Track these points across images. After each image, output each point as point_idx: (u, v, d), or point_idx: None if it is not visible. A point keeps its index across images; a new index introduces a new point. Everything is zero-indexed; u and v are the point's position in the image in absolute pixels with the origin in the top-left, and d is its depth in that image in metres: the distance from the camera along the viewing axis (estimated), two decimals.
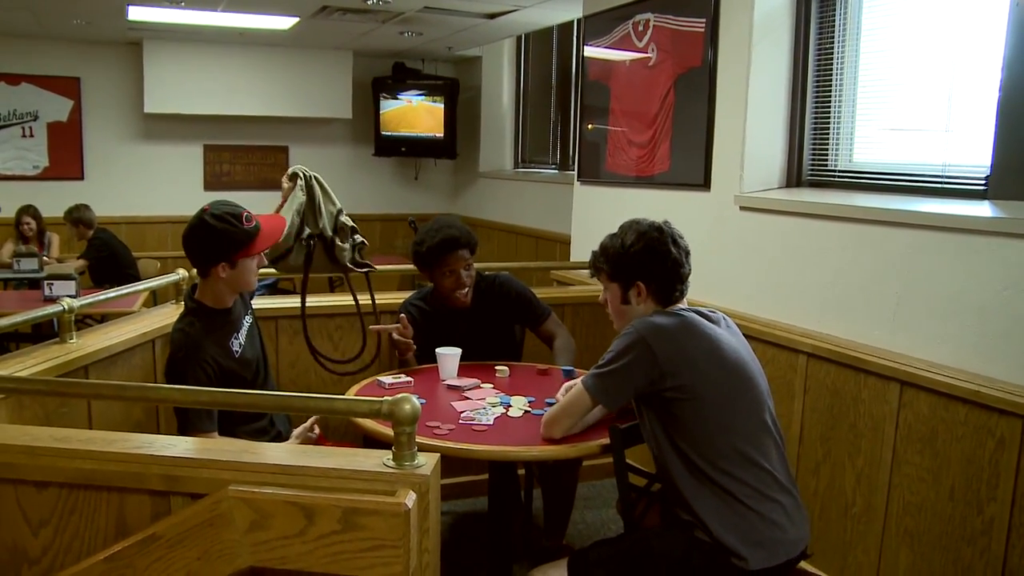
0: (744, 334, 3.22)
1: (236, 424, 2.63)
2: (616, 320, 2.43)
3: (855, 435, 2.85)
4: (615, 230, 2.41)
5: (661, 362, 2.16)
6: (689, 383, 2.16)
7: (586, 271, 4.59)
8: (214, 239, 2.54)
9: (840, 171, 3.37)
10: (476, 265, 3.46)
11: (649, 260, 2.32)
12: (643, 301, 2.34)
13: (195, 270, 2.63)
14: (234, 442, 2.29)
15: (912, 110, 3.10)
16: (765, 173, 3.52)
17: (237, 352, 2.64)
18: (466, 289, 3.20)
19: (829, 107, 3.40)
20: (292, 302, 3.71)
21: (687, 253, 2.37)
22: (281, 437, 2.80)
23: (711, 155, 3.67)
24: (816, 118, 3.46)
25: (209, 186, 8.08)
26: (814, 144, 3.48)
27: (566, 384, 2.62)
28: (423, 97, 8.37)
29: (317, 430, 2.78)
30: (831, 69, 3.37)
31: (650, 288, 2.33)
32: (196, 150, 8.09)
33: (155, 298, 5.31)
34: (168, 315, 3.11)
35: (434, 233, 3.18)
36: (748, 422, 2.20)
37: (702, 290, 3.68)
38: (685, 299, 2.40)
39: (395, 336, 3.07)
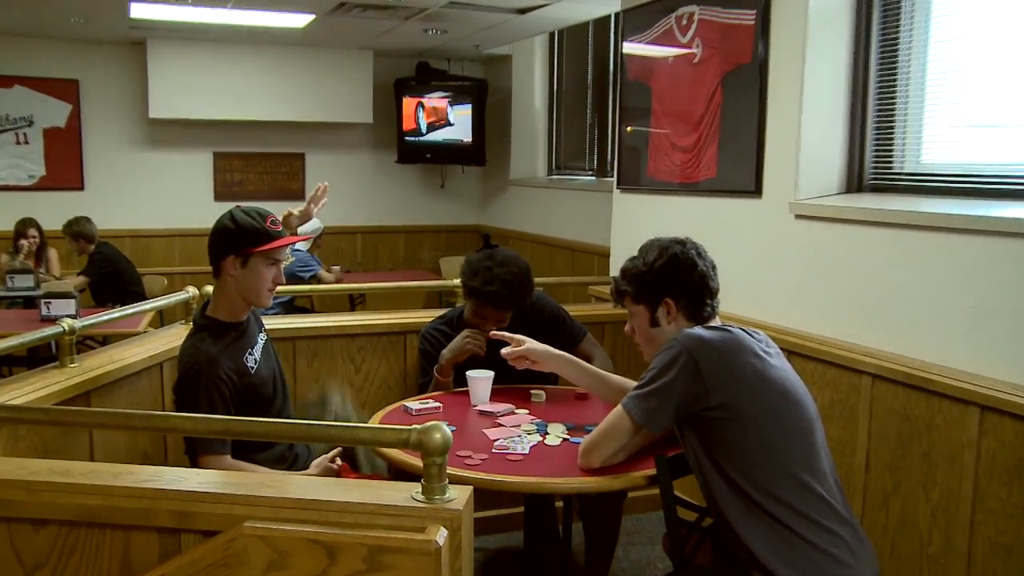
0: (800, 353, 3.23)
1: (252, 450, 2.65)
2: (646, 347, 2.44)
3: (929, 465, 2.79)
4: (635, 252, 2.46)
5: (706, 377, 2.15)
6: (735, 401, 2.15)
7: None
8: (232, 230, 2.61)
9: (906, 174, 3.33)
10: None
11: (675, 274, 2.35)
12: (673, 320, 2.37)
13: (207, 287, 2.65)
14: (250, 474, 2.28)
15: (989, 104, 3.05)
16: (822, 178, 3.49)
17: (253, 368, 2.66)
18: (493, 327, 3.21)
19: (894, 103, 3.35)
20: (310, 321, 3.73)
21: (713, 267, 2.41)
22: (300, 461, 2.82)
23: (763, 159, 3.65)
24: (879, 116, 3.42)
25: (220, 196, 8.15)
26: (877, 145, 3.44)
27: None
28: (449, 99, 8.41)
29: (340, 461, 2.79)
30: (896, 61, 3.33)
31: (679, 304, 2.36)
32: (205, 158, 8.17)
33: (162, 318, 5.37)
34: (177, 336, 3.14)
35: (487, 275, 3.13)
36: (798, 444, 2.18)
37: (753, 306, 3.64)
38: (717, 318, 2.41)
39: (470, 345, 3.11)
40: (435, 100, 8.38)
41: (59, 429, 2.41)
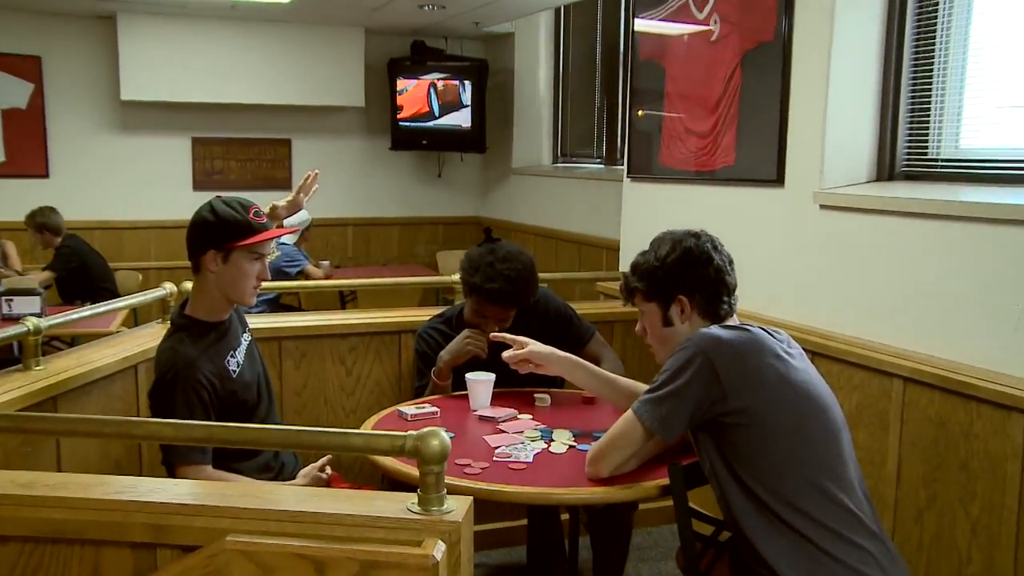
0: (826, 355, 3.23)
1: (235, 458, 2.64)
2: (658, 349, 2.45)
3: (968, 476, 2.78)
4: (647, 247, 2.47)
5: (723, 380, 2.15)
6: (754, 406, 2.14)
7: None
8: (212, 223, 2.60)
9: (944, 160, 3.32)
10: None
11: (689, 269, 2.35)
12: (688, 319, 2.38)
13: (186, 284, 2.65)
14: (233, 484, 2.28)
15: None
16: (851, 165, 3.48)
17: (235, 372, 2.66)
18: (495, 328, 3.21)
19: (930, 83, 3.33)
20: (297, 320, 3.73)
21: (730, 262, 2.41)
22: (286, 471, 2.82)
23: (785, 145, 3.64)
24: (914, 97, 3.40)
25: (199, 185, 8.12)
26: (911, 129, 3.43)
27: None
28: (447, 80, 8.40)
29: (329, 471, 2.78)
30: (933, 36, 3.31)
31: (694, 301, 2.36)
32: (183, 144, 8.15)
33: (136, 317, 5.37)
34: (153, 336, 3.13)
35: (489, 272, 3.14)
36: (824, 451, 2.18)
37: (774, 303, 3.64)
38: (735, 316, 2.41)
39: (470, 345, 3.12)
40: (444, 80, 8.37)
41: (23, 437, 2.41)
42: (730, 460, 2.18)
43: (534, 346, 2.80)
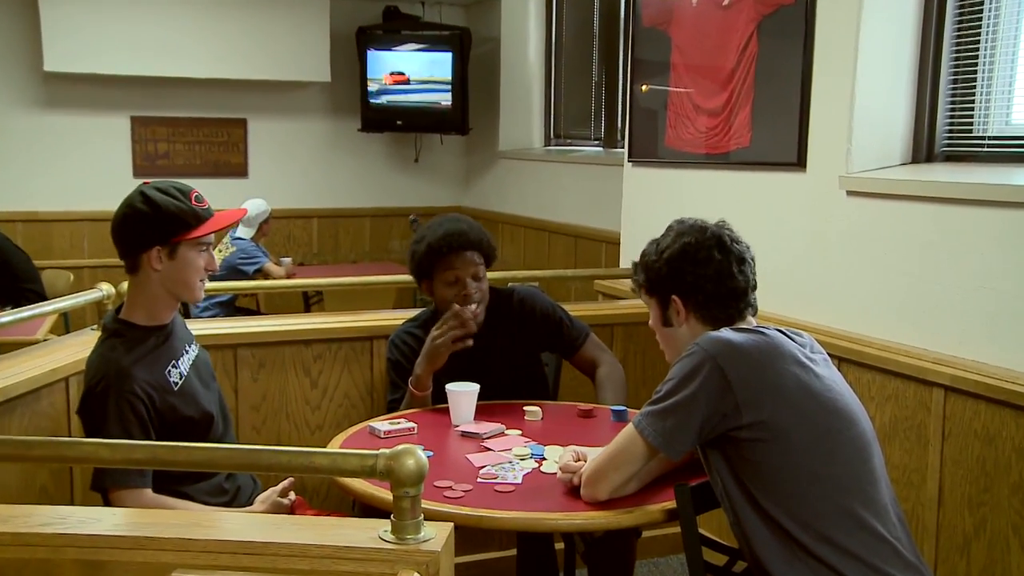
0: (854, 361, 3.23)
1: (181, 480, 2.63)
2: (665, 349, 2.49)
3: (1022, 500, 2.79)
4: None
5: (736, 389, 2.15)
6: (772, 418, 2.15)
7: None
8: (150, 215, 2.58)
9: (992, 139, 3.32)
10: (495, 274, 3.45)
11: (682, 268, 2.38)
12: (685, 323, 2.41)
13: (124, 285, 2.63)
14: (179, 512, 2.27)
15: None
16: (882, 145, 3.49)
17: (176, 384, 2.64)
18: (474, 305, 3.20)
19: (976, 51, 3.32)
20: (255, 325, 3.72)
21: (741, 260, 2.40)
22: (243, 495, 2.81)
23: (807, 123, 3.65)
24: (957, 67, 3.40)
25: (140, 171, 8.05)
26: (953, 104, 3.43)
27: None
28: (424, 52, 8.40)
29: (293, 496, 2.78)
30: None
31: (688, 304, 2.39)
32: (120, 123, 8.08)
33: (67, 323, 5.34)
34: (86, 344, 3.11)
35: (436, 228, 3.23)
36: (852, 470, 2.18)
37: (793, 303, 3.64)
38: (752, 319, 2.41)
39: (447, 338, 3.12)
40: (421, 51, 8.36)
41: None
42: (745, 480, 2.18)
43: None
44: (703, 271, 2.36)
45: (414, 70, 8.40)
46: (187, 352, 2.77)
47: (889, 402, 3.16)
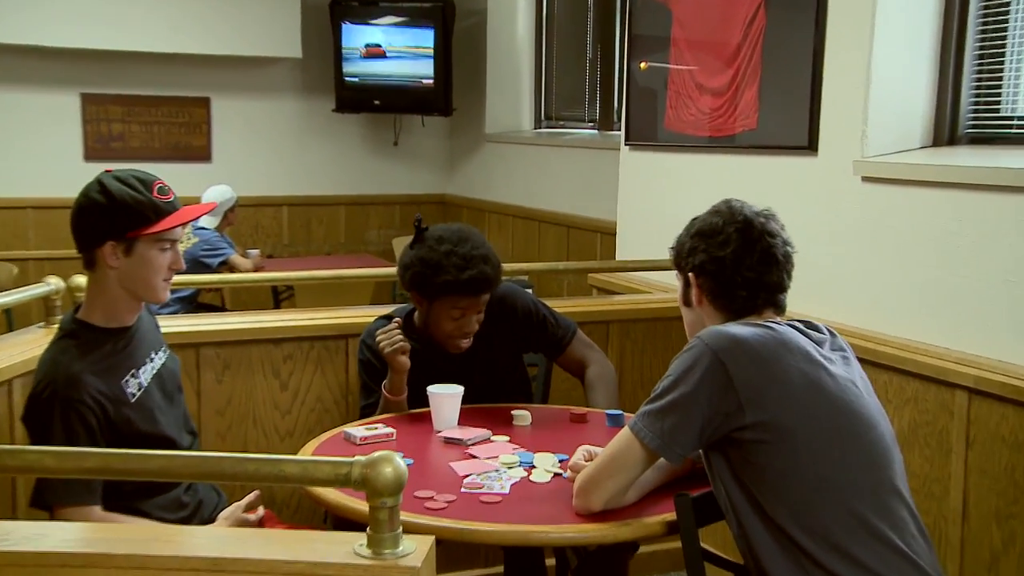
0: (870, 361, 3.23)
1: (135, 495, 2.62)
2: (687, 329, 2.51)
3: None
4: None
5: (739, 386, 2.16)
6: (778, 419, 2.15)
7: (640, 273, 4.61)
8: (104, 206, 2.55)
9: (1021, 119, 3.33)
10: None
11: (700, 247, 2.41)
12: (701, 305, 2.43)
13: (76, 279, 2.61)
14: (134, 527, 2.26)
15: None
16: (901, 127, 3.50)
17: (133, 395, 2.62)
18: (470, 336, 3.20)
19: (1005, 23, 3.33)
20: (219, 322, 3.71)
21: (767, 252, 2.38)
22: (204, 510, 2.80)
23: (819, 103, 3.66)
24: (983, 42, 3.41)
25: (92, 155, 7.98)
26: (979, 81, 3.44)
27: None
28: (404, 27, 8.39)
29: (261, 511, 2.77)
30: None
31: (702, 286, 2.40)
32: (69, 102, 8.02)
33: (10, 320, 5.32)
34: (32, 344, 3.10)
35: (460, 263, 3.12)
36: (870, 478, 2.19)
37: (805, 297, 3.63)
38: (770, 312, 2.41)
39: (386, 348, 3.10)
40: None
41: None
42: (750, 487, 2.18)
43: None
44: (719, 253, 2.37)
45: (393, 45, 8.39)
46: (151, 360, 2.74)
47: (908, 406, 3.17)
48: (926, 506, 3.06)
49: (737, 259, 2.37)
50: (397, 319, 3.16)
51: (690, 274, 2.42)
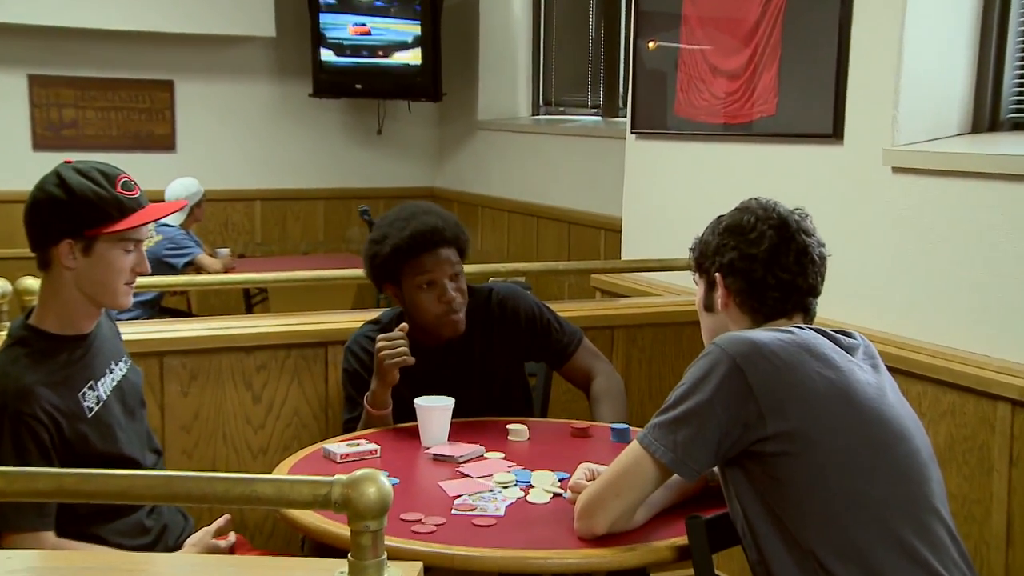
0: (902, 370, 3.23)
1: (92, 519, 2.61)
2: (706, 339, 2.48)
3: None
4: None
5: (759, 395, 2.16)
6: (798, 428, 2.15)
7: (647, 274, 4.61)
8: (61, 201, 2.54)
9: None
10: (473, 267, 3.44)
11: (730, 244, 2.40)
12: (727, 309, 2.43)
13: (25, 280, 2.60)
14: (92, 554, 2.26)
15: None
16: (936, 112, 3.50)
17: (91, 411, 2.61)
18: (458, 311, 3.20)
19: None
20: (185, 328, 3.71)
21: (803, 252, 2.39)
22: (170, 535, 2.79)
23: (845, 87, 3.66)
24: None
25: (42, 143, 7.97)
26: (1023, 62, 3.44)
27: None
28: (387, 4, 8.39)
29: (233, 536, 2.76)
30: None
31: (730, 287, 2.41)
32: (16, 84, 7.98)
33: None
34: None
35: (402, 224, 3.19)
36: (902, 493, 2.19)
37: (828, 299, 3.61)
38: (800, 316, 2.41)
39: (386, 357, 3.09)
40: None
41: None
42: (772, 505, 2.17)
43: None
44: (752, 251, 2.38)
45: (377, 22, 8.38)
46: (111, 371, 2.73)
47: (944, 419, 3.17)
48: (966, 530, 3.06)
49: (772, 257, 2.37)
50: (404, 324, 3.16)
51: (717, 274, 2.42)
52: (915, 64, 3.46)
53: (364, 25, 8.36)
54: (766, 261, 2.37)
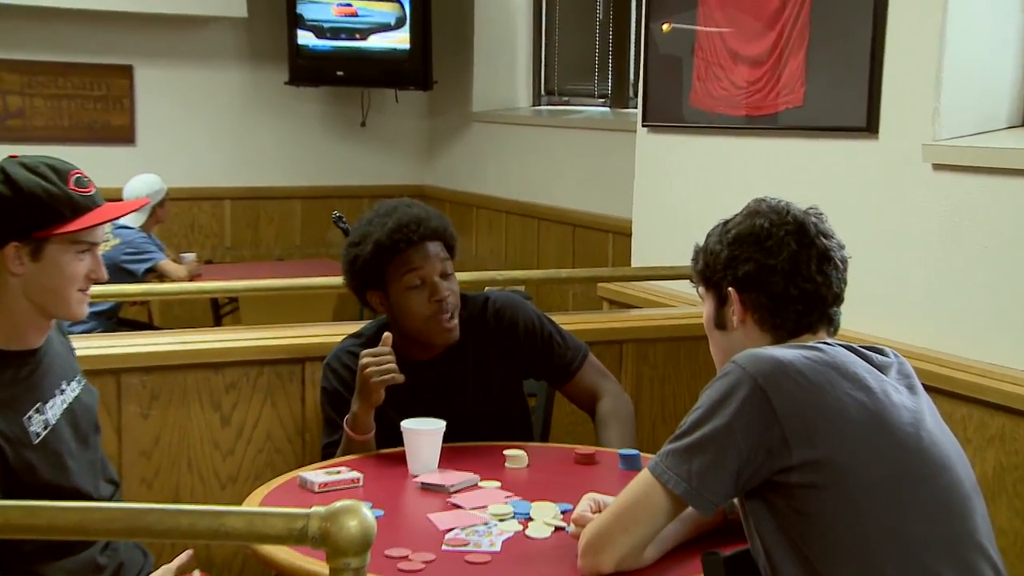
0: (942, 389, 3.24)
1: (39, 556, 2.60)
2: (717, 359, 2.48)
3: None
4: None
5: (783, 419, 2.16)
6: (828, 457, 2.15)
7: (659, 283, 4.62)
8: (10, 199, 2.53)
9: None
10: (466, 275, 3.44)
11: (744, 255, 2.38)
12: (743, 326, 2.41)
13: None
14: None
15: None
16: (982, 103, 3.51)
17: (38, 436, 2.61)
18: (450, 314, 3.20)
19: None
20: (146, 343, 3.70)
21: (825, 258, 2.38)
22: (127, 573, 2.78)
23: (879, 75, 3.67)
24: None
25: None
26: None
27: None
28: None
29: (197, 575, 2.76)
30: None
31: (747, 302, 2.39)
32: None
33: None
34: None
35: (382, 219, 3.20)
36: (943, 530, 2.18)
37: (859, 310, 3.64)
38: (824, 333, 2.41)
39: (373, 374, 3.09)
40: None
41: None
42: (798, 542, 2.17)
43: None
44: (771, 261, 2.36)
45: (363, 1, 8.40)
46: (62, 392, 2.71)
47: (992, 445, 3.17)
48: (1017, 570, 3.06)
49: (793, 267, 2.36)
50: (387, 335, 3.15)
51: (730, 289, 2.40)
52: (959, 49, 3.47)
53: (350, 6, 8.37)
54: (787, 272, 2.35)
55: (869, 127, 3.70)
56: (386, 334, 3.14)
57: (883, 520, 2.15)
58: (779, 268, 2.35)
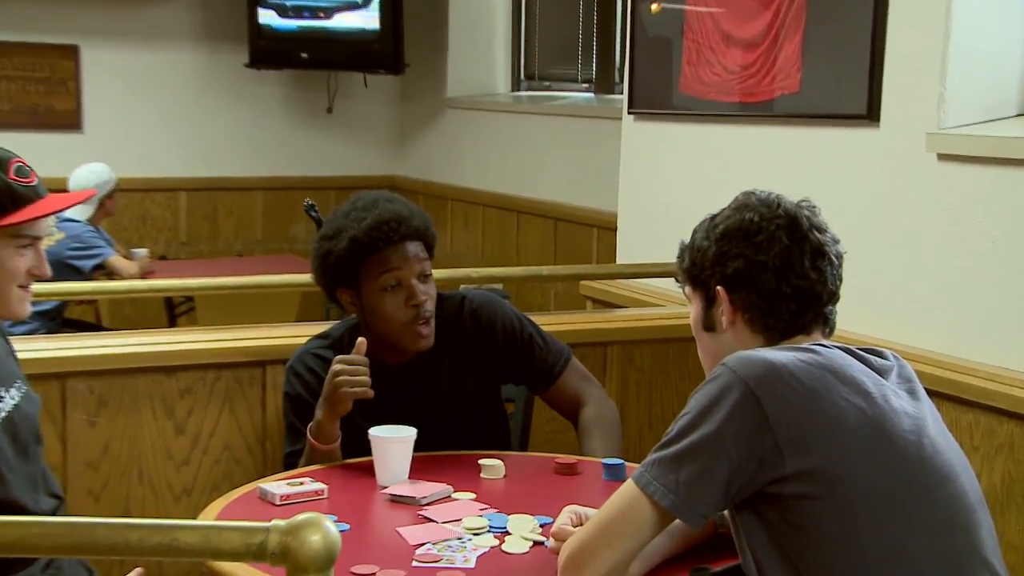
0: (947, 395, 3.25)
1: None
2: (705, 363, 2.48)
3: None
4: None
5: (776, 426, 2.16)
6: (827, 468, 2.15)
7: (645, 280, 4.62)
8: None
9: None
10: (441, 272, 3.44)
11: (733, 251, 2.38)
12: (733, 327, 2.41)
13: None
14: None
15: None
16: (990, 90, 3.52)
17: None
18: (428, 320, 3.20)
19: None
20: (94, 345, 3.70)
21: (819, 253, 2.39)
22: None
23: (881, 60, 3.68)
24: None
25: None
26: None
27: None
28: None
29: None
30: None
31: (737, 302, 2.39)
32: None
33: None
34: None
35: (360, 214, 3.20)
36: (946, 545, 2.19)
37: (858, 310, 3.65)
38: (819, 334, 2.41)
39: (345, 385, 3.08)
40: None
41: None
42: (792, 556, 2.18)
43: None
44: (761, 257, 2.35)
45: None
46: (1, 399, 2.73)
47: (1001, 454, 3.18)
48: None
49: (785, 264, 2.36)
50: (361, 341, 3.13)
51: (719, 288, 2.40)
52: (966, 32, 3.48)
53: None
54: (779, 268, 2.35)
55: (870, 115, 3.71)
56: (360, 340, 3.13)
57: (882, 534, 2.15)
58: (770, 264, 2.35)
